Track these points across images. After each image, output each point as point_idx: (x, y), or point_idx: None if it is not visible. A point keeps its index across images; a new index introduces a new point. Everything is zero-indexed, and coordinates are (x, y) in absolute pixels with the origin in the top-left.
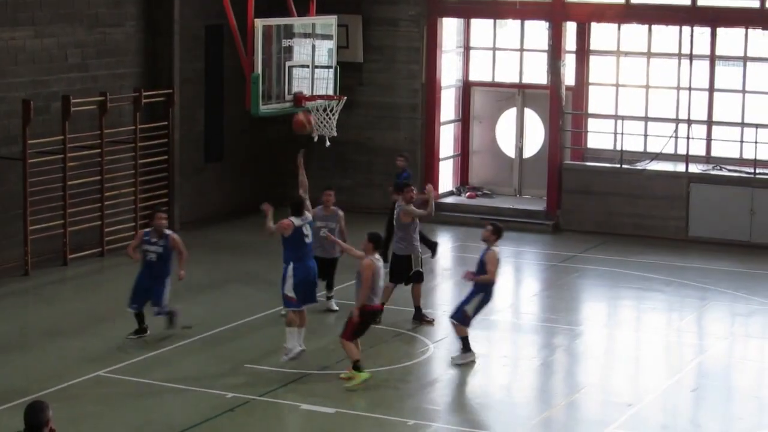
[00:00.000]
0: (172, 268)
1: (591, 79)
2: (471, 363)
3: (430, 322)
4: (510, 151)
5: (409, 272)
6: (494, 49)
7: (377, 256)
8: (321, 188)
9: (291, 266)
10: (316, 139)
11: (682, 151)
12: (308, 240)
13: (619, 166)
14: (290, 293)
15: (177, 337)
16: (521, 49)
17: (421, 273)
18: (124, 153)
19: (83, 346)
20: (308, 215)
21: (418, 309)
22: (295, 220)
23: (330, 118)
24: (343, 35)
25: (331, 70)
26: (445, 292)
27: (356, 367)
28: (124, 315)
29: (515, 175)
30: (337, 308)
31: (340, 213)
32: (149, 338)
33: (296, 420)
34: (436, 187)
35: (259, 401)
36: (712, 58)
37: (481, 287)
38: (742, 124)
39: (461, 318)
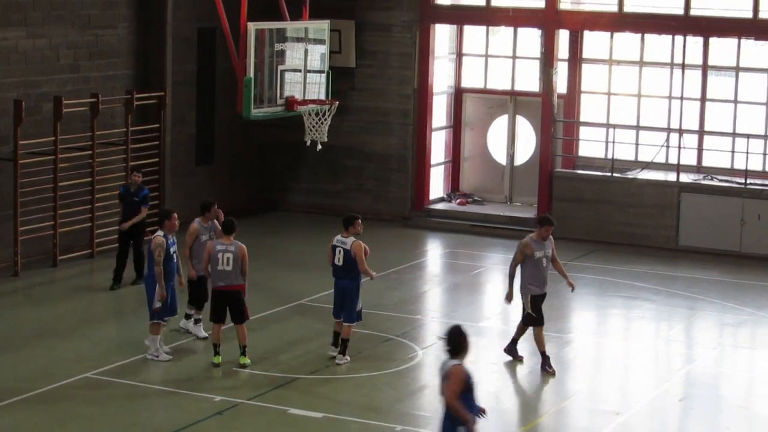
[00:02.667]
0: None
1: (583, 87)
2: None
3: (551, 373)
4: (501, 158)
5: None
6: (486, 56)
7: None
8: (312, 192)
9: None
10: (308, 143)
11: (673, 160)
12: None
13: (610, 174)
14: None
15: (165, 340)
16: (513, 57)
17: (531, 315)
18: (116, 155)
19: (72, 347)
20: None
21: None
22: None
23: (322, 123)
24: (335, 40)
25: (324, 75)
26: (434, 298)
27: None
28: (114, 317)
29: (506, 183)
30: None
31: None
32: (138, 340)
33: (284, 424)
34: (427, 193)
35: (247, 405)
36: (705, 68)
37: None
38: (734, 134)
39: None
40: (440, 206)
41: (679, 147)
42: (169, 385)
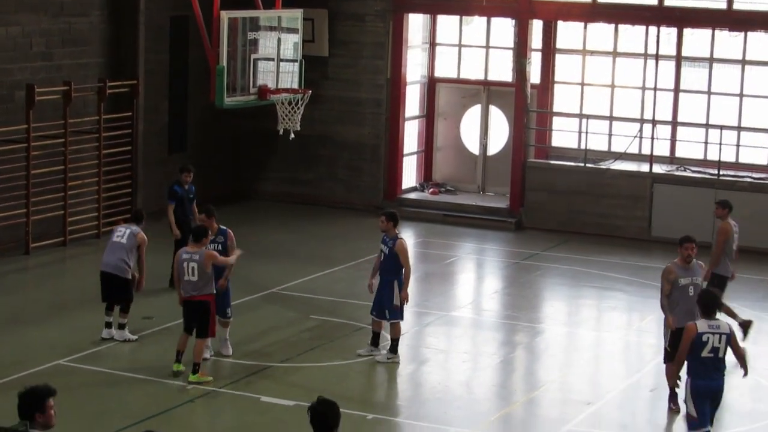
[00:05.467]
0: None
1: (556, 78)
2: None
3: (674, 410)
4: (474, 148)
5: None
6: (460, 45)
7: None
8: (285, 181)
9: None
10: (281, 132)
11: (646, 151)
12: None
13: (583, 165)
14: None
15: (137, 328)
16: (487, 46)
17: (667, 351)
18: (88, 143)
19: (44, 335)
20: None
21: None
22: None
23: (295, 112)
24: (308, 29)
25: (297, 64)
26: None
27: None
28: (86, 305)
29: (479, 172)
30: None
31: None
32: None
33: (255, 412)
34: (400, 183)
35: (219, 392)
36: (678, 59)
37: None
38: (707, 126)
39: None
40: (413, 196)
41: (652, 138)
42: (140, 372)
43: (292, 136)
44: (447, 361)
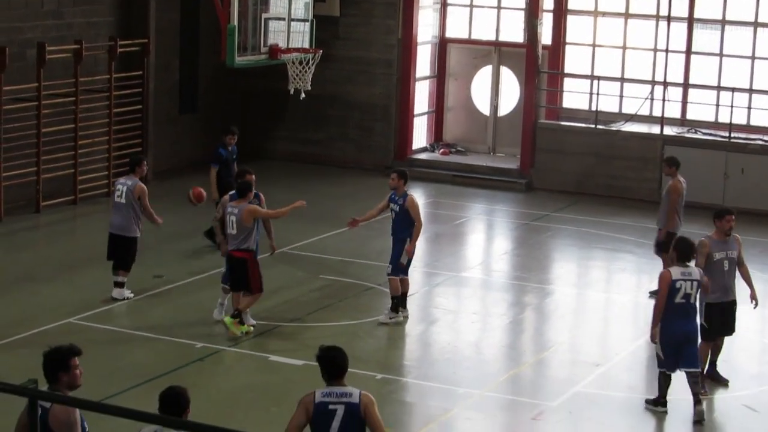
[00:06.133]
0: None
1: (568, 39)
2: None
3: (723, 383)
4: (485, 108)
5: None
6: (471, 6)
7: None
8: (295, 141)
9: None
10: (291, 92)
11: (657, 113)
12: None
13: (593, 126)
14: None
15: (147, 287)
16: (498, 7)
17: (704, 327)
18: (99, 102)
19: (54, 292)
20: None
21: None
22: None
23: (305, 72)
24: None
25: (307, 24)
26: (416, 248)
27: None
28: (96, 263)
29: (489, 133)
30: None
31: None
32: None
33: (264, 371)
34: (410, 143)
35: (227, 352)
36: (690, 21)
37: None
38: (719, 88)
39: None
40: (423, 156)
41: (664, 100)
42: (150, 331)
43: (303, 95)
44: (456, 321)
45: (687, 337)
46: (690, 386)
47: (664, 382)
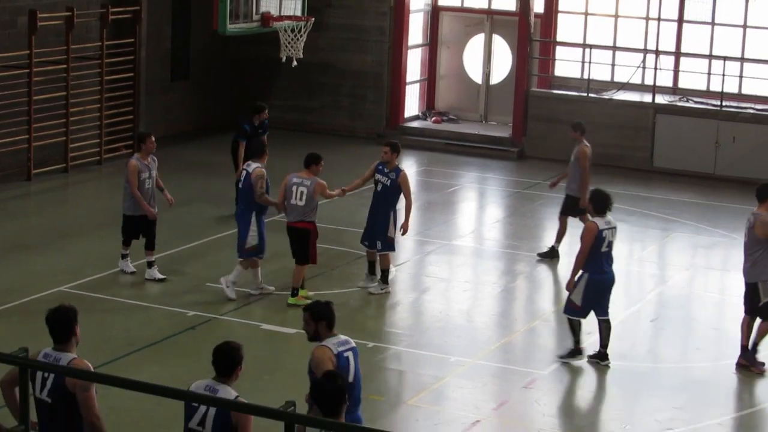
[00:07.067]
0: None
1: (560, 7)
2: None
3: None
4: (477, 76)
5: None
6: None
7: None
8: (287, 109)
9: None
10: (283, 60)
11: (649, 81)
12: None
13: (585, 94)
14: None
15: (139, 255)
16: None
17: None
18: (90, 69)
19: (46, 261)
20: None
21: (752, 348)
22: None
23: (297, 40)
24: None
25: None
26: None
27: None
28: (87, 232)
29: (481, 101)
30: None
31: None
32: (112, 254)
33: (256, 340)
34: (402, 111)
35: (219, 320)
36: None
37: None
38: (710, 57)
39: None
40: (415, 124)
41: (656, 68)
42: (142, 299)
43: (295, 63)
44: (448, 290)
45: (611, 283)
46: (604, 334)
47: (579, 329)
